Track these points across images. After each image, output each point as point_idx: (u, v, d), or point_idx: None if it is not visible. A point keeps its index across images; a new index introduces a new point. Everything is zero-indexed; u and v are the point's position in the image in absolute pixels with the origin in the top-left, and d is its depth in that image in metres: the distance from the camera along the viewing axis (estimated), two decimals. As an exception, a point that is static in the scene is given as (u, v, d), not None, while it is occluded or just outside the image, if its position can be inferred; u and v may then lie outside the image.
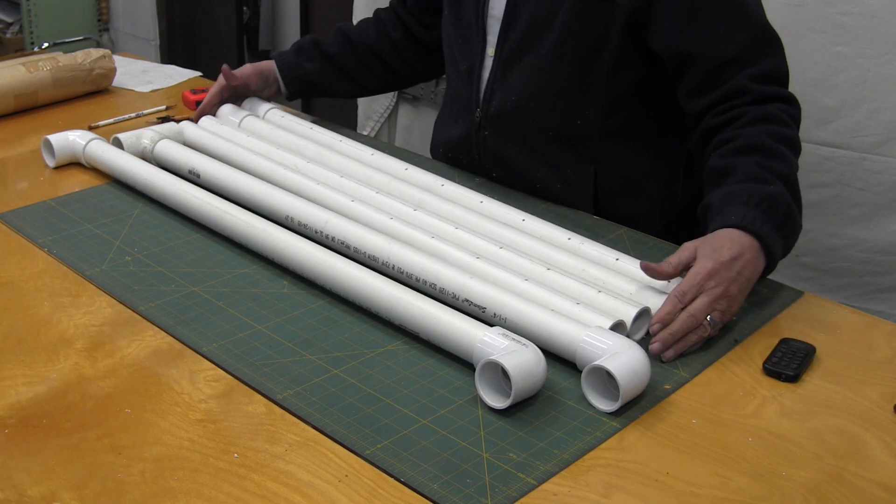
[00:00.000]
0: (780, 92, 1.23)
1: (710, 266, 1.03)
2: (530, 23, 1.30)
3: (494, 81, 1.36)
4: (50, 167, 1.40)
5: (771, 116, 1.19)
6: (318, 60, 1.55)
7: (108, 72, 1.72)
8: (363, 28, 1.59)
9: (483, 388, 0.92)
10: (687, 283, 1.02)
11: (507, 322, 1.00)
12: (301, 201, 1.22)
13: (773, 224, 1.08)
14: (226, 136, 1.43)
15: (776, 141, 1.16)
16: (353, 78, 1.58)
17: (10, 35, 3.29)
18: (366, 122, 2.49)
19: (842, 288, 1.82)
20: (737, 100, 1.21)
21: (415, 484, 0.82)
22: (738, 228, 1.07)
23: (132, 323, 1.04)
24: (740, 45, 1.21)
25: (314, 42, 1.56)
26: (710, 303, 1.02)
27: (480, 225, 1.19)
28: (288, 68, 1.55)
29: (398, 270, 1.10)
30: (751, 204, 1.08)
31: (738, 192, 1.11)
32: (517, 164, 1.37)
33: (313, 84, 1.57)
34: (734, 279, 1.03)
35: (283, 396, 0.92)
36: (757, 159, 1.14)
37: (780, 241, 1.09)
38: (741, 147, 1.16)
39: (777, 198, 1.10)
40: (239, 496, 0.80)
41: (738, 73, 1.21)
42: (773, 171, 1.13)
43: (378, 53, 1.57)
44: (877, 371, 1.00)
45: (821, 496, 0.83)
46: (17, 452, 0.84)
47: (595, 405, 0.93)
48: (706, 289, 1.02)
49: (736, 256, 1.04)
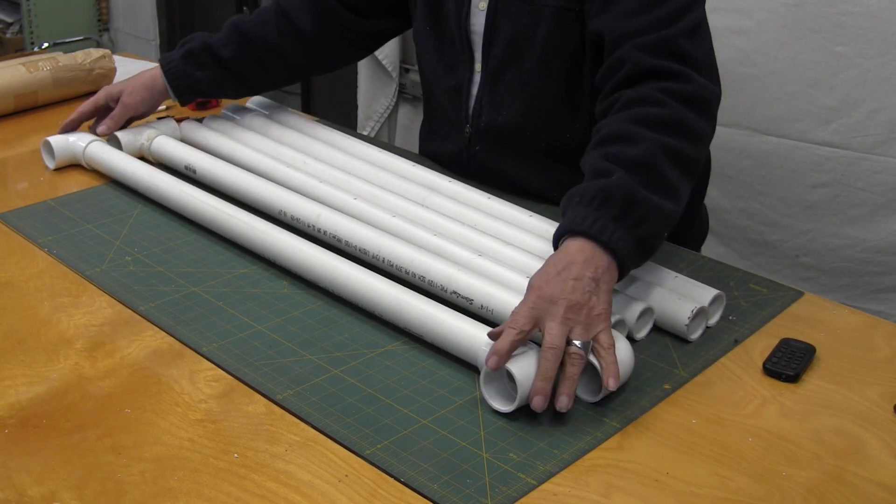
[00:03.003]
0: (664, 66, 1.10)
1: (534, 293, 0.92)
2: (511, 39, 1.27)
3: (483, 97, 1.33)
4: (50, 169, 1.40)
5: (642, 98, 1.08)
6: (211, 67, 1.42)
7: (108, 72, 1.72)
8: (261, 23, 1.43)
9: (488, 392, 0.92)
10: (516, 314, 0.91)
11: (494, 314, 1.01)
12: (293, 195, 1.22)
13: (612, 217, 0.97)
14: (225, 133, 1.43)
15: (636, 123, 1.05)
16: (249, 81, 1.46)
17: (10, 35, 3.29)
18: (366, 122, 2.49)
19: (842, 288, 1.82)
20: (615, 75, 1.12)
21: (415, 484, 0.82)
22: (569, 234, 0.99)
23: (132, 323, 1.04)
24: (645, 21, 1.11)
25: (205, 46, 1.41)
26: (560, 324, 0.90)
27: (485, 223, 1.19)
28: (176, 77, 1.42)
29: (388, 263, 1.10)
30: (583, 203, 0.99)
31: (574, 193, 1.02)
32: (511, 176, 1.35)
33: (205, 92, 1.46)
34: (572, 289, 0.91)
35: (283, 396, 0.92)
36: (604, 150, 1.05)
37: (626, 231, 0.97)
38: (597, 141, 1.08)
39: (612, 189, 0.99)
40: (239, 496, 0.80)
41: (628, 44, 1.11)
42: (617, 159, 1.02)
43: (278, 51, 1.43)
44: (877, 371, 1.00)
45: (821, 496, 0.83)
46: (17, 452, 0.84)
47: (583, 398, 0.93)
48: (544, 314, 0.91)
49: (562, 269, 0.93)
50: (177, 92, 1.43)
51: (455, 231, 1.16)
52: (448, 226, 1.17)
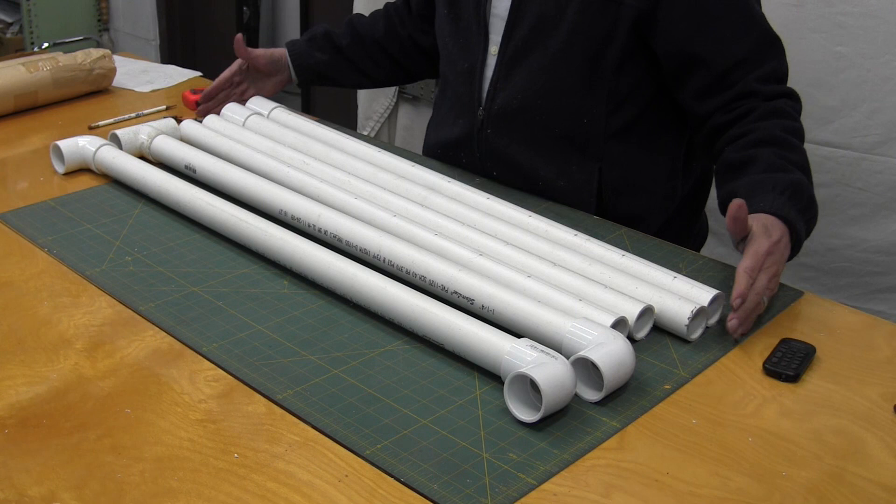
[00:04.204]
0: (784, 89, 1.27)
1: (767, 245, 1.06)
2: (536, 22, 1.31)
3: (498, 80, 1.36)
4: (59, 173, 1.39)
5: (779, 111, 1.24)
6: (329, 52, 1.59)
7: (108, 72, 1.72)
8: (373, 21, 1.62)
9: (511, 401, 0.91)
10: (753, 260, 1.05)
11: (495, 314, 1.01)
12: (294, 195, 1.23)
13: (798, 209, 1.12)
14: (226, 133, 1.43)
15: (788, 133, 1.21)
16: (362, 70, 1.62)
17: (10, 35, 3.29)
18: (366, 122, 2.49)
19: (842, 288, 1.82)
20: (746, 101, 1.25)
21: (415, 484, 0.82)
22: (768, 213, 1.10)
23: (132, 323, 1.04)
24: (747, 48, 1.25)
25: (326, 33, 1.60)
26: (768, 280, 1.05)
27: (485, 223, 1.19)
28: (299, 57, 1.58)
29: (388, 263, 1.10)
30: (776, 191, 1.12)
31: (763, 181, 1.14)
32: (519, 162, 1.37)
33: (322, 74, 1.61)
34: (780, 260, 1.07)
35: (283, 396, 0.92)
36: (774, 150, 1.18)
37: (804, 224, 1.13)
38: (757, 140, 1.20)
39: (799, 184, 1.14)
40: (239, 496, 0.80)
41: (746, 76, 1.25)
42: (790, 160, 1.17)
43: (385, 48, 1.60)
44: (877, 371, 1.00)
45: (821, 496, 0.83)
46: (17, 452, 0.84)
47: (584, 397, 0.93)
48: (765, 266, 1.05)
49: (779, 239, 1.08)
50: (297, 70, 1.59)
51: (455, 231, 1.16)
52: (448, 226, 1.17)
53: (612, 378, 0.92)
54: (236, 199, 1.26)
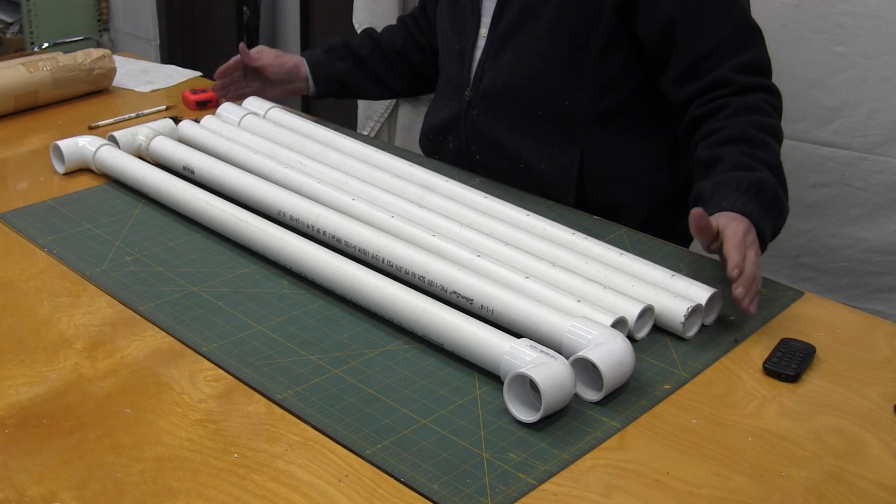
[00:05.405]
0: (761, 82, 1.26)
1: (744, 226, 1.06)
2: (525, 4, 1.33)
3: (486, 60, 1.38)
4: (59, 173, 1.39)
5: (753, 107, 1.23)
6: (349, 61, 1.58)
7: (108, 72, 1.72)
8: (390, 32, 1.63)
9: (511, 402, 0.91)
10: (736, 238, 1.05)
11: (494, 314, 1.01)
12: (293, 196, 1.23)
13: (763, 208, 1.12)
14: (223, 133, 1.43)
15: (759, 131, 1.20)
16: (382, 80, 1.62)
17: (10, 35, 3.29)
18: (366, 122, 2.48)
19: (842, 288, 1.82)
20: (721, 90, 1.25)
21: (415, 484, 0.82)
22: (731, 212, 1.09)
23: (132, 323, 1.04)
24: (723, 35, 1.25)
25: (345, 43, 1.60)
26: (756, 257, 1.05)
27: (483, 222, 1.19)
28: (318, 66, 1.58)
29: (387, 263, 1.10)
30: (740, 189, 1.12)
31: (728, 179, 1.14)
32: (503, 144, 1.39)
33: (343, 84, 1.60)
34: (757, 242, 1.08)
35: (283, 396, 0.92)
36: (742, 148, 1.18)
37: (770, 223, 1.13)
38: (726, 138, 1.20)
39: (764, 183, 1.14)
40: (239, 496, 0.80)
41: (720, 64, 1.25)
42: (757, 158, 1.17)
43: (407, 57, 1.61)
44: (877, 371, 1.00)
45: (821, 496, 0.83)
46: (17, 452, 0.84)
47: (584, 397, 0.93)
48: (748, 244, 1.05)
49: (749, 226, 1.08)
50: (317, 80, 1.58)
51: (454, 231, 1.16)
52: (447, 226, 1.17)
53: (612, 378, 0.92)
54: (235, 200, 1.26)
